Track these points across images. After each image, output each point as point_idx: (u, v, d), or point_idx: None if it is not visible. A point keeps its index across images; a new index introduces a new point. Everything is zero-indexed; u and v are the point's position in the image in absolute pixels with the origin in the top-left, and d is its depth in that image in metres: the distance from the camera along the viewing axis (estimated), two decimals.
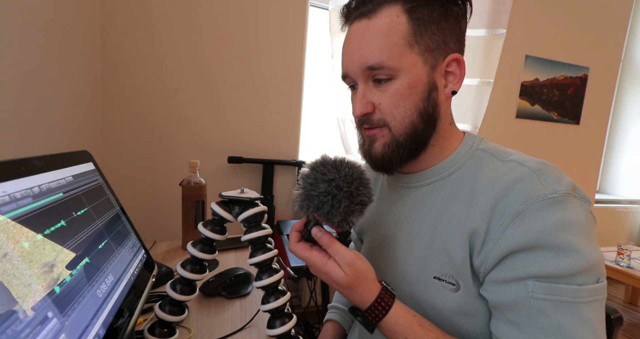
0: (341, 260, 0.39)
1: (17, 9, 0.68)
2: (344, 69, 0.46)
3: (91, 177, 0.45)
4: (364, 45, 0.42)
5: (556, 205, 0.35)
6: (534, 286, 0.34)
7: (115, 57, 1.18)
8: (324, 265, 0.39)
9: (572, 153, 2.16)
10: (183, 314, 0.51)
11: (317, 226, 0.41)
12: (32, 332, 0.24)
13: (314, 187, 0.39)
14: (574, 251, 0.34)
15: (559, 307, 0.33)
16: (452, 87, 0.44)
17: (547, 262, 0.34)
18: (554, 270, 0.34)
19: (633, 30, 2.50)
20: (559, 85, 2.04)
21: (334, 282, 0.39)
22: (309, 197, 0.39)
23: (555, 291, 0.34)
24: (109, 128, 1.20)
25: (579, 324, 0.33)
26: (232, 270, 0.74)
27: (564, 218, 0.35)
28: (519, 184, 0.37)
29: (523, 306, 0.35)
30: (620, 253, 1.92)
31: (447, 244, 0.42)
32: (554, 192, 0.36)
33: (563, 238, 0.34)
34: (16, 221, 0.27)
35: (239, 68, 1.35)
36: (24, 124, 0.72)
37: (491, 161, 0.43)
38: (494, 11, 1.70)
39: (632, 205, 2.56)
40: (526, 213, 0.36)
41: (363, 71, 0.42)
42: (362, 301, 0.40)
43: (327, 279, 0.40)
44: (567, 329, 0.33)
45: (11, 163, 0.29)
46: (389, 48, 0.40)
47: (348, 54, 0.44)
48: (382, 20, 0.41)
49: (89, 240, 0.37)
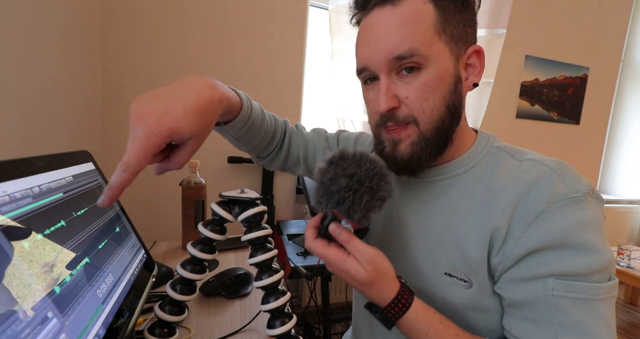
0: (361, 257, 0.37)
1: (17, 9, 0.68)
2: (364, 61, 0.42)
3: (91, 177, 0.45)
4: (392, 32, 0.38)
5: (577, 204, 0.36)
6: (554, 284, 0.35)
7: (115, 57, 1.18)
8: (344, 262, 0.38)
9: (572, 153, 2.16)
10: (183, 314, 0.51)
11: (335, 222, 0.39)
12: (32, 332, 0.24)
13: (333, 182, 0.37)
14: (594, 250, 0.34)
15: (578, 304, 0.34)
16: (472, 80, 0.43)
17: (569, 260, 0.34)
18: (575, 268, 0.34)
19: (633, 30, 2.50)
20: (559, 85, 2.04)
21: (354, 279, 0.38)
22: (328, 193, 0.37)
23: (574, 288, 0.34)
24: (109, 128, 1.20)
25: (596, 320, 0.34)
26: (232, 270, 0.74)
27: (585, 218, 0.35)
28: (540, 183, 0.37)
29: (542, 304, 0.35)
30: (620, 253, 1.92)
31: (461, 242, 0.41)
32: (576, 192, 0.36)
33: (584, 237, 0.35)
34: (16, 221, 0.27)
35: (239, 68, 1.35)
36: (24, 124, 0.72)
37: (508, 159, 0.43)
38: (494, 11, 1.70)
39: (632, 205, 2.56)
40: (549, 211, 0.36)
41: (389, 62, 0.39)
42: (382, 299, 0.38)
43: (345, 276, 0.39)
44: (585, 325, 0.33)
45: (11, 163, 0.29)
46: (420, 35, 0.38)
47: (370, 43, 0.40)
48: (410, 6, 0.38)
49: (89, 240, 0.37)
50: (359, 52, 0.43)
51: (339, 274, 0.39)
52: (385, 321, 0.39)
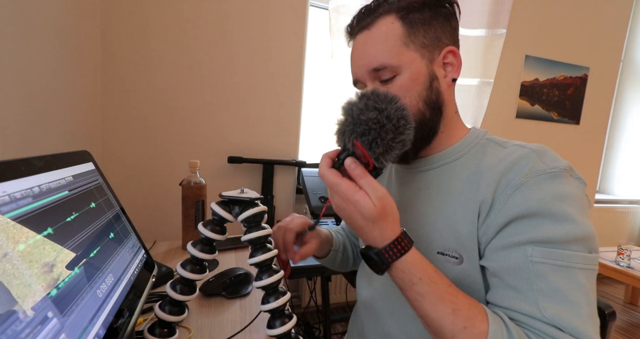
0: (372, 193, 0.38)
1: (17, 9, 0.68)
2: (354, 75, 0.51)
3: (91, 177, 0.45)
4: (367, 51, 0.47)
5: (555, 179, 0.39)
6: (532, 251, 0.37)
7: (115, 58, 1.18)
8: (355, 193, 0.38)
9: (572, 153, 2.16)
10: (183, 314, 0.51)
11: (351, 157, 0.40)
12: (32, 332, 0.24)
13: (363, 113, 0.38)
14: (570, 220, 0.37)
15: (556, 271, 0.36)
16: (451, 75, 0.49)
17: (546, 228, 0.37)
18: (551, 235, 0.37)
19: (633, 30, 2.50)
20: (559, 85, 2.04)
21: (360, 213, 0.38)
22: (355, 123, 0.38)
23: (552, 255, 0.36)
24: (109, 128, 1.20)
25: (574, 288, 0.35)
26: (232, 270, 0.74)
27: (562, 191, 0.39)
28: (521, 161, 0.42)
29: (522, 270, 0.37)
30: (620, 253, 1.93)
31: (452, 220, 0.45)
32: (553, 168, 0.40)
33: (560, 207, 0.37)
34: (16, 221, 0.27)
35: (239, 68, 1.35)
36: (24, 124, 0.72)
37: (495, 148, 0.47)
38: (494, 11, 1.70)
39: (632, 205, 2.56)
40: (527, 184, 0.39)
41: (370, 73, 0.47)
42: (382, 238, 0.39)
43: (352, 210, 0.39)
44: (563, 292, 0.35)
45: (11, 163, 0.29)
46: (388, 49, 0.46)
47: (355, 60, 0.50)
48: (380, 29, 0.47)
49: (89, 240, 0.37)
50: (351, 68, 0.52)
51: (346, 207, 0.39)
52: (380, 263, 0.39)
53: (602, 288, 2.39)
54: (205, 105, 1.32)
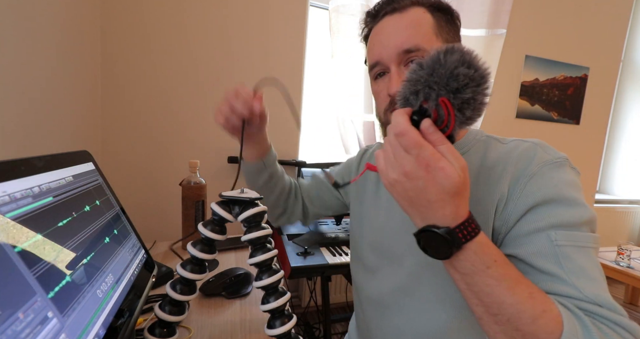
0: (455, 161, 0.32)
1: (17, 9, 0.68)
2: (377, 56, 0.50)
3: (91, 177, 0.45)
4: (400, 31, 0.47)
5: (561, 168, 0.42)
6: (555, 235, 0.38)
7: (115, 58, 1.18)
8: (439, 160, 0.32)
9: (572, 153, 2.16)
10: (183, 314, 0.51)
11: (429, 119, 0.34)
12: (32, 332, 0.24)
13: (458, 66, 0.32)
14: (580, 204, 0.40)
15: (578, 251, 0.37)
16: None
17: (563, 212, 0.39)
18: (569, 219, 0.39)
19: (633, 30, 2.50)
20: (559, 85, 2.04)
21: (440, 184, 0.32)
22: (448, 76, 0.32)
23: (573, 237, 0.38)
24: (109, 128, 1.20)
25: (593, 266, 0.37)
26: (232, 270, 0.74)
27: (569, 178, 0.42)
28: (528, 153, 0.44)
29: (550, 254, 0.38)
30: (620, 253, 1.92)
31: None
32: (558, 158, 0.43)
33: (571, 193, 0.40)
34: (16, 221, 0.27)
35: (239, 68, 1.35)
36: (24, 124, 0.72)
37: (496, 144, 0.49)
38: (494, 11, 1.70)
39: (632, 205, 2.56)
40: (540, 173, 0.42)
41: (398, 55, 0.47)
42: (455, 215, 0.33)
43: (429, 179, 0.32)
44: (588, 270, 0.36)
45: (11, 163, 0.29)
46: (422, 34, 0.47)
47: (382, 41, 0.49)
48: (414, 14, 0.48)
49: (89, 240, 0.37)
50: (372, 50, 0.51)
51: (423, 175, 0.32)
52: (452, 244, 0.33)
53: None
54: (205, 105, 1.32)
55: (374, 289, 0.58)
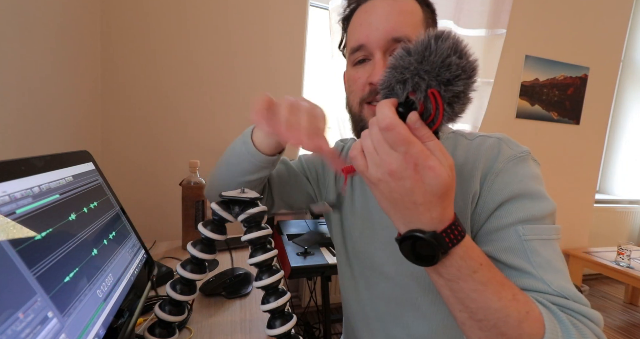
0: (444, 159, 0.29)
1: (17, 9, 0.68)
2: (362, 39, 0.45)
3: (91, 177, 0.45)
4: (393, 16, 0.44)
5: (524, 162, 0.43)
6: (523, 230, 0.39)
7: (115, 57, 1.18)
8: (428, 158, 0.29)
9: (572, 153, 2.16)
10: (183, 314, 0.51)
11: (415, 112, 0.30)
12: (32, 332, 0.24)
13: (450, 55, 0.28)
14: (543, 197, 0.41)
15: (543, 244, 0.38)
16: None
17: (529, 207, 0.40)
18: (534, 213, 0.40)
19: (633, 30, 2.50)
20: (559, 85, 2.04)
21: (427, 185, 0.29)
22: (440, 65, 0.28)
23: (538, 230, 0.39)
24: (109, 128, 1.20)
25: (557, 257, 0.39)
26: (232, 270, 0.74)
27: (532, 172, 0.43)
28: (493, 150, 0.45)
29: (519, 250, 0.38)
30: (620, 253, 1.93)
31: None
32: (521, 152, 0.44)
33: (535, 187, 0.41)
34: (16, 221, 0.27)
35: (239, 68, 1.35)
36: (24, 124, 0.72)
37: (462, 140, 0.49)
38: (494, 11, 1.70)
39: (632, 205, 2.56)
40: (505, 169, 0.43)
41: (387, 41, 0.44)
42: (442, 218, 0.30)
43: (416, 180, 0.29)
44: (553, 262, 0.38)
45: (11, 163, 0.29)
46: (413, 24, 0.44)
47: (371, 23, 0.44)
48: (407, 3, 0.45)
49: (89, 240, 0.37)
50: (358, 31, 0.46)
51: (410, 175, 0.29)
52: (438, 249, 0.30)
53: (602, 288, 2.39)
54: (205, 105, 1.32)
55: (368, 299, 0.56)
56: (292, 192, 0.64)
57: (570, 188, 2.20)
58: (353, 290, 0.59)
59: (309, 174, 0.66)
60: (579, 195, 2.23)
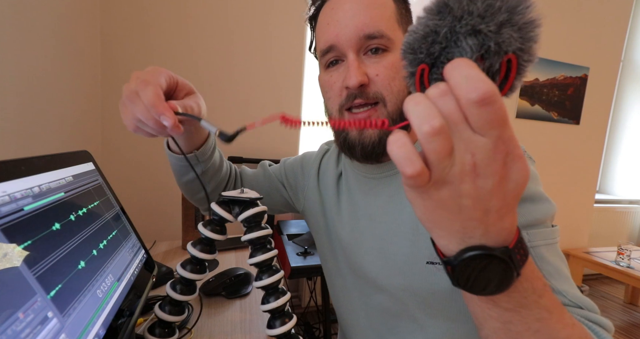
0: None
1: (17, 9, 0.68)
2: (331, 39, 0.41)
3: (91, 177, 0.45)
4: (362, 11, 0.39)
5: None
6: (528, 236, 0.36)
7: (115, 57, 1.18)
8: (518, 145, 0.20)
9: (572, 153, 2.16)
10: (183, 314, 0.51)
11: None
12: (32, 332, 0.24)
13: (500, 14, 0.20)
14: (544, 199, 0.38)
15: (550, 249, 0.37)
16: None
17: (532, 211, 0.37)
18: (538, 217, 0.37)
19: (633, 30, 2.50)
20: (559, 85, 2.04)
21: (513, 183, 0.20)
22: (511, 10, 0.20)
23: (543, 235, 0.37)
24: (109, 128, 1.20)
25: (562, 263, 0.37)
26: (232, 270, 0.74)
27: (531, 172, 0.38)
28: None
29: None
30: (620, 253, 1.93)
31: None
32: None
33: (535, 189, 0.38)
34: (16, 221, 0.27)
35: (239, 68, 1.35)
36: (24, 124, 0.72)
37: None
38: None
39: (632, 205, 2.56)
40: None
41: (359, 39, 0.39)
42: (512, 228, 0.22)
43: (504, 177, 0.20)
44: (560, 269, 0.36)
45: (11, 163, 0.29)
46: (386, 18, 0.40)
47: (339, 20, 0.40)
48: None
49: (89, 240, 0.37)
50: (326, 31, 0.42)
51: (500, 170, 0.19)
52: (512, 269, 0.22)
53: (602, 288, 2.39)
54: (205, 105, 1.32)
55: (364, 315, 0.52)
56: (267, 196, 0.63)
57: (570, 188, 2.20)
58: (346, 300, 0.56)
59: (285, 179, 0.64)
60: (579, 195, 2.23)
